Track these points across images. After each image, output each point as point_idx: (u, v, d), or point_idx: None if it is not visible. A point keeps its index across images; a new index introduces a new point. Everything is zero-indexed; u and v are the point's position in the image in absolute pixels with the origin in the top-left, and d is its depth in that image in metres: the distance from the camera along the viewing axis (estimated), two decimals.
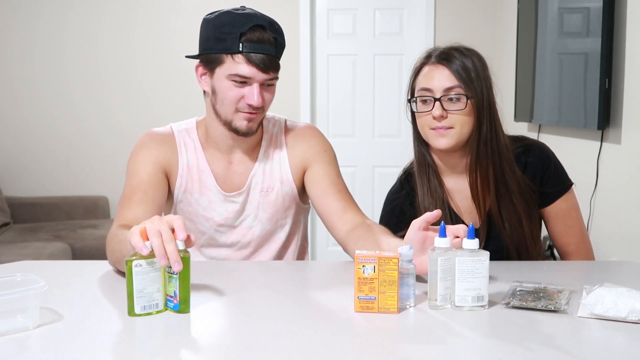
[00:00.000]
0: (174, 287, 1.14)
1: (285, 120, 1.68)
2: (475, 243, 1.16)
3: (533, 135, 3.50)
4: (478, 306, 1.17)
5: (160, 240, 1.09)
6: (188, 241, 1.14)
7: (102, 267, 1.45)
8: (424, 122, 1.54)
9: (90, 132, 4.41)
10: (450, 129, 1.51)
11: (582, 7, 2.92)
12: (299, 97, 4.40)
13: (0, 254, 3.29)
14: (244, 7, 1.49)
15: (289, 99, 4.35)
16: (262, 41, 1.44)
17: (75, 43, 4.36)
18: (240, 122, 1.50)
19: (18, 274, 1.14)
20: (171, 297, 1.15)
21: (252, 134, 1.54)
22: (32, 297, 1.06)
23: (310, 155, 1.62)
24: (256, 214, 1.61)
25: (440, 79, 1.51)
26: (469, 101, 1.50)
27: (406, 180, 1.67)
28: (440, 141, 1.52)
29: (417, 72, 1.58)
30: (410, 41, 4.42)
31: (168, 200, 1.61)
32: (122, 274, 1.38)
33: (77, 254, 3.65)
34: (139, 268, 1.12)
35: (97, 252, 3.63)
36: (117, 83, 4.39)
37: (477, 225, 1.59)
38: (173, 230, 1.12)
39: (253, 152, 1.62)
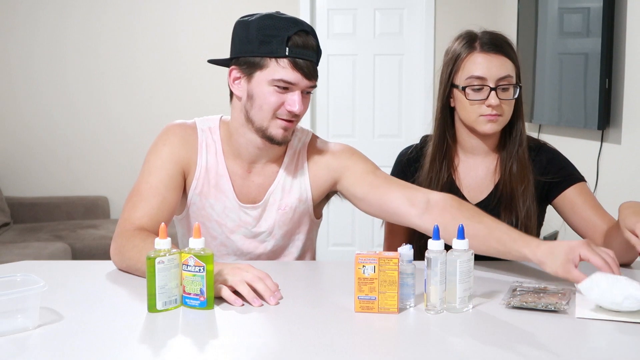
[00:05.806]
0: (200, 285, 1.16)
1: (313, 135, 1.62)
2: (465, 243, 1.16)
3: (533, 135, 3.50)
4: (471, 306, 1.18)
5: (247, 288, 1.20)
6: None
7: (102, 267, 1.45)
8: (474, 109, 1.56)
9: (90, 132, 4.41)
10: (500, 116, 1.56)
11: (582, 7, 2.92)
12: None
13: (0, 254, 3.28)
14: (280, 12, 1.44)
15: None
16: (307, 46, 1.40)
17: (75, 43, 4.35)
18: (276, 130, 1.44)
19: (18, 274, 1.14)
20: (196, 295, 1.17)
21: (286, 143, 1.50)
22: (32, 297, 1.06)
23: (337, 165, 1.56)
24: (271, 230, 1.56)
25: (494, 68, 1.54)
26: (518, 90, 1.57)
27: (420, 144, 1.78)
28: (489, 126, 1.57)
29: (462, 59, 1.57)
30: (410, 41, 4.42)
31: (181, 200, 1.56)
32: (125, 272, 1.38)
33: (77, 254, 3.64)
34: (161, 265, 1.14)
35: (97, 252, 3.63)
36: (117, 83, 4.39)
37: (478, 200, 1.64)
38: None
39: (273, 165, 1.56)
